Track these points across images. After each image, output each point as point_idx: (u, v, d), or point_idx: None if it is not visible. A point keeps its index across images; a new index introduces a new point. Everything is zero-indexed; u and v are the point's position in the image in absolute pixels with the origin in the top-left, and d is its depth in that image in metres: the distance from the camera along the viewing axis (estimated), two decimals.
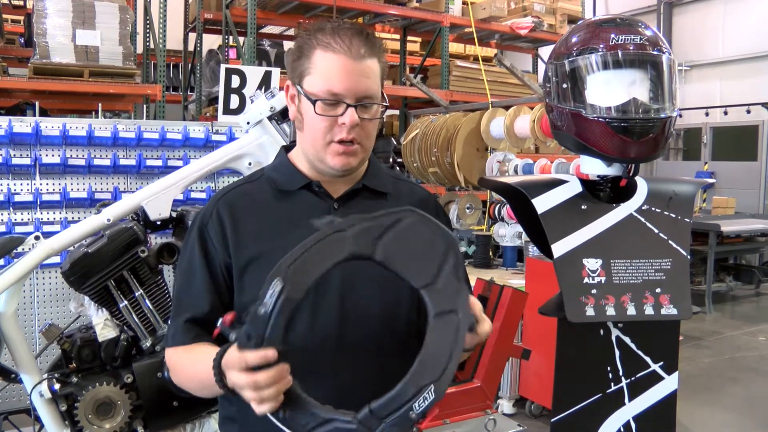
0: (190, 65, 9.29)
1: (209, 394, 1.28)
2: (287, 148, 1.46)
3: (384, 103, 1.33)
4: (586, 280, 1.51)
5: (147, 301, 2.24)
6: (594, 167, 1.62)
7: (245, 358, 1.06)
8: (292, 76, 1.34)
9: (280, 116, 2.43)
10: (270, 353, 1.05)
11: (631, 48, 1.49)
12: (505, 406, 4.28)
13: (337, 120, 1.27)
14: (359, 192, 1.38)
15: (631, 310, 1.51)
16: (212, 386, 1.18)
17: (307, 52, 1.29)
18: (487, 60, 8.40)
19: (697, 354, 5.84)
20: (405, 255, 1.12)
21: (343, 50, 1.26)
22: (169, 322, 1.41)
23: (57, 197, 3.12)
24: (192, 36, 9.06)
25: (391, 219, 1.12)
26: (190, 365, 1.30)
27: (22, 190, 3.12)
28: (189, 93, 9.53)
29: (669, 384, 1.63)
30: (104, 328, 2.21)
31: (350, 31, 1.28)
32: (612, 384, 1.61)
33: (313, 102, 1.28)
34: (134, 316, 2.24)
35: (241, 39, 7.60)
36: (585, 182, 1.64)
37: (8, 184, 3.08)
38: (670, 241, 1.56)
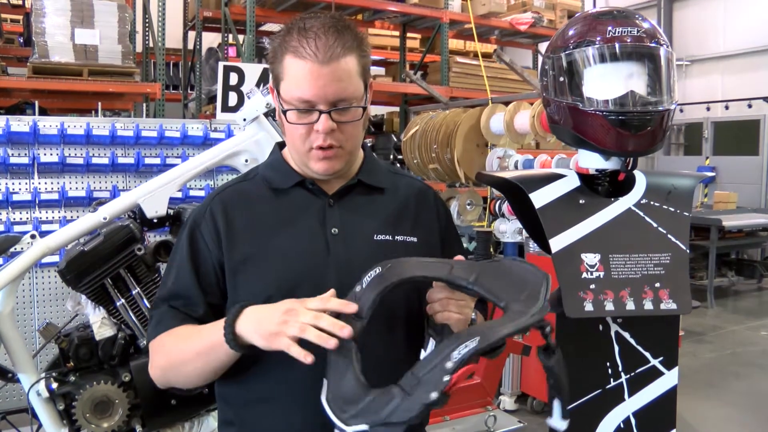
0: (189, 64, 9.28)
1: (202, 365, 1.23)
2: (281, 145, 1.45)
3: (362, 105, 1.27)
4: (584, 275, 1.50)
5: (144, 299, 2.23)
6: (592, 161, 1.60)
7: (326, 297, 1.12)
8: (272, 79, 1.32)
9: None
10: (352, 305, 1.10)
11: (629, 40, 1.47)
12: (507, 402, 4.27)
13: (313, 126, 1.24)
14: (354, 188, 1.37)
15: (630, 305, 1.49)
16: (210, 351, 1.19)
17: (279, 57, 1.26)
18: (486, 56, 8.37)
19: (699, 349, 5.83)
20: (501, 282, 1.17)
21: (310, 55, 1.20)
22: (149, 320, 1.38)
23: (55, 196, 3.12)
24: (191, 34, 9.04)
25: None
26: (185, 337, 1.26)
27: (20, 189, 3.12)
28: (189, 91, 9.52)
29: (669, 379, 1.61)
30: (101, 326, 2.20)
31: (320, 31, 1.22)
32: (611, 380, 1.60)
33: (285, 112, 1.26)
34: (131, 314, 2.23)
35: (240, 37, 7.58)
36: (583, 176, 1.62)
37: (6, 184, 3.08)
38: (669, 236, 1.54)
